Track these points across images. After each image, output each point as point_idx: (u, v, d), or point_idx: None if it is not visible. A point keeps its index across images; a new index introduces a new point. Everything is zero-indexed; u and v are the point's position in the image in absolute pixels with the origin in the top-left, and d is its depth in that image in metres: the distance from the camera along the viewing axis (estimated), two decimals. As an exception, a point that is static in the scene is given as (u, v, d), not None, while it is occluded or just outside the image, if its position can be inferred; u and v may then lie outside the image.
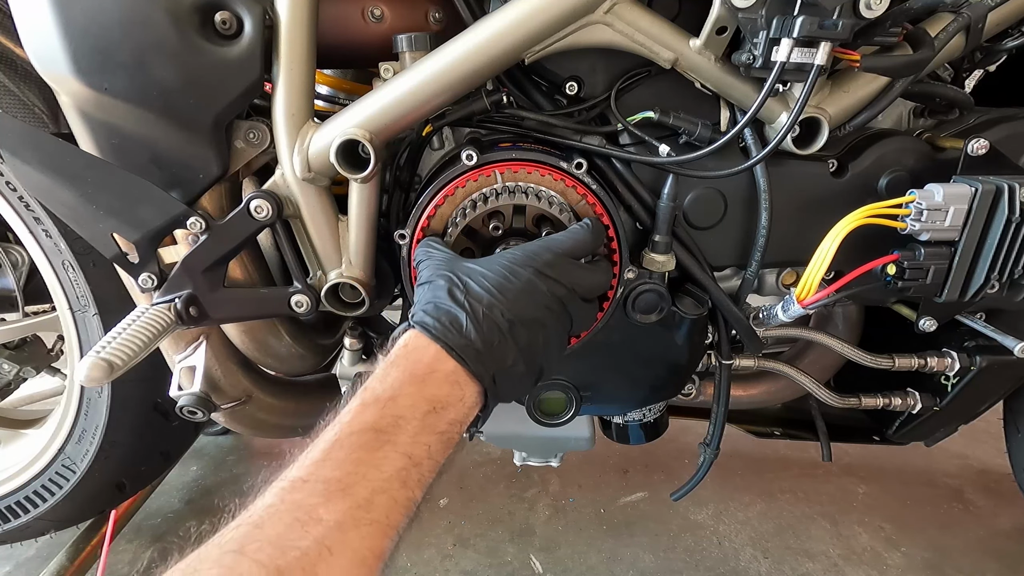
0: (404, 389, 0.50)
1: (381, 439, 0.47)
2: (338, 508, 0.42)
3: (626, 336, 0.81)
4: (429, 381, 0.51)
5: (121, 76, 0.64)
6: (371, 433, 0.47)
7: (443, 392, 0.51)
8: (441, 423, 0.50)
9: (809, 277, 0.69)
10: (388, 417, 0.48)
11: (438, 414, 0.50)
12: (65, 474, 1.08)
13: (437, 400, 0.51)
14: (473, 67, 0.66)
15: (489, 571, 1.23)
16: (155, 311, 0.69)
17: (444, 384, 0.52)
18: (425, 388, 0.51)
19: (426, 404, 0.50)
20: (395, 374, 0.51)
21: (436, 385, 0.51)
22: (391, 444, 0.47)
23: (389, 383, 0.51)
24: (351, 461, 0.45)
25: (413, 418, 0.49)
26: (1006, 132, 0.75)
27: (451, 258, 0.62)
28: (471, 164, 0.68)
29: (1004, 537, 1.33)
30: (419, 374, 0.51)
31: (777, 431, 1.17)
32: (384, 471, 0.46)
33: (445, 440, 0.51)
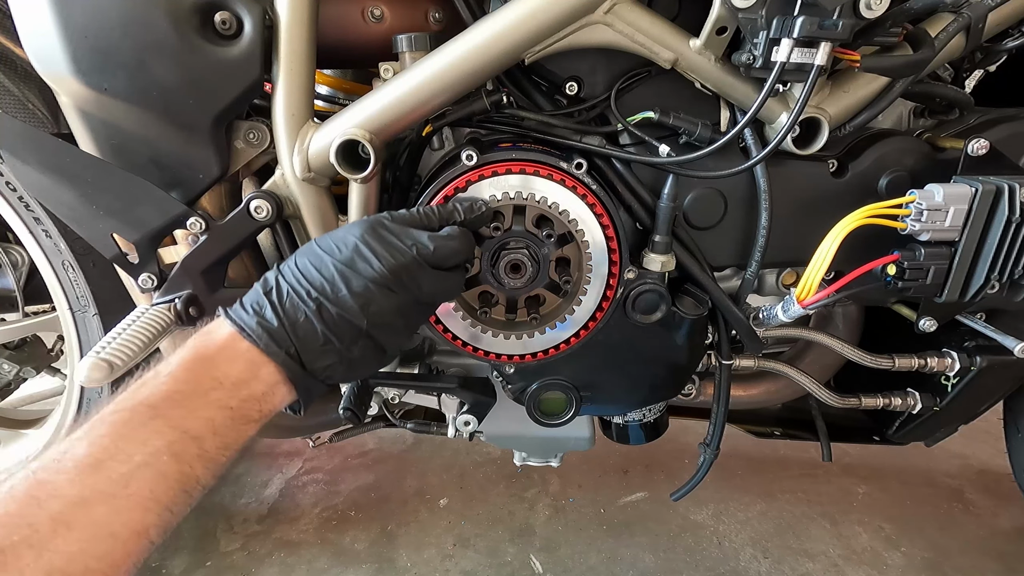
0: (188, 365, 0.50)
1: (152, 413, 0.46)
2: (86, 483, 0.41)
3: (626, 336, 0.81)
4: (218, 359, 0.51)
5: (121, 76, 0.65)
6: (142, 408, 0.46)
7: (234, 370, 0.50)
8: (231, 399, 0.49)
9: (809, 277, 0.69)
10: (163, 392, 0.48)
11: (226, 391, 0.49)
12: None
13: (226, 377, 0.50)
14: (473, 67, 0.66)
15: (489, 571, 1.23)
16: (155, 311, 0.69)
17: (236, 362, 0.51)
18: (212, 365, 0.50)
19: (211, 381, 0.49)
20: (182, 353, 0.51)
21: (226, 363, 0.51)
22: (163, 418, 0.46)
23: (173, 361, 0.50)
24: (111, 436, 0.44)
25: (193, 394, 0.48)
26: (1006, 132, 0.75)
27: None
28: (471, 164, 0.68)
29: (1004, 537, 1.33)
30: (208, 353, 0.51)
31: (777, 431, 1.17)
32: (150, 445, 0.44)
33: (237, 416, 0.50)
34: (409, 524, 1.35)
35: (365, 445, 1.60)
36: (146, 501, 0.43)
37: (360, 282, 0.54)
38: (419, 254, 0.57)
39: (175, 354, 0.51)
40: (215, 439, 0.48)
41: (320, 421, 1.05)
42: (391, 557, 1.26)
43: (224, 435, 0.49)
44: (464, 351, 0.77)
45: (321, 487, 1.47)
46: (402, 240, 0.57)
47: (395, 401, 0.98)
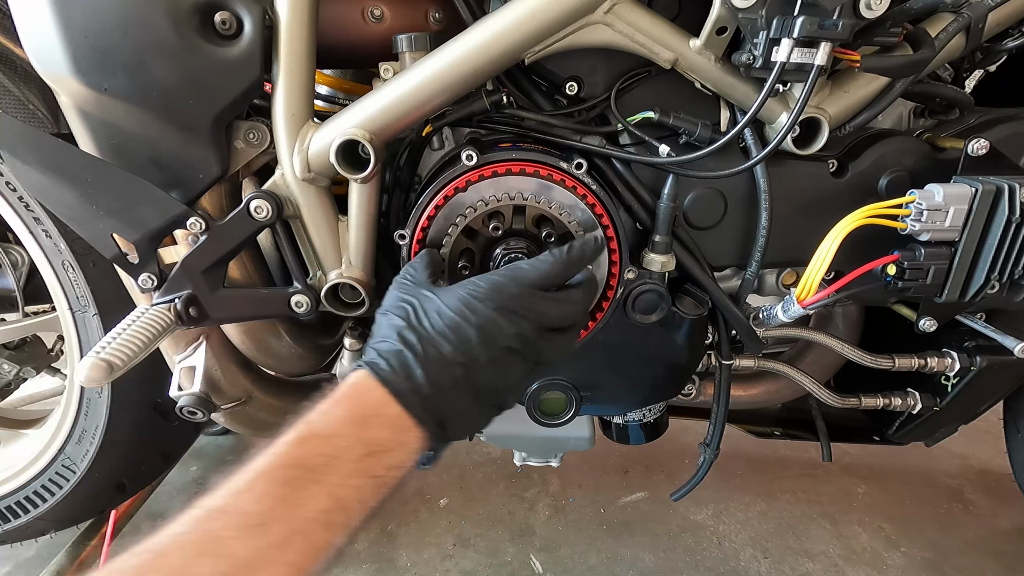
0: (343, 429, 0.49)
1: (310, 477, 0.46)
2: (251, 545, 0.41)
3: (626, 336, 0.81)
4: (371, 424, 0.50)
5: (121, 76, 0.64)
6: (301, 470, 0.46)
7: (384, 436, 0.50)
8: (378, 467, 0.49)
9: (809, 277, 0.69)
10: (322, 456, 0.47)
11: (376, 458, 0.49)
12: (65, 474, 1.08)
13: (377, 444, 0.49)
14: (473, 67, 0.66)
15: (489, 571, 1.24)
16: (155, 311, 0.69)
17: (386, 428, 0.50)
18: (365, 430, 0.49)
19: (364, 447, 0.49)
20: (336, 412, 0.50)
21: (377, 428, 0.50)
22: (319, 484, 0.46)
23: (329, 419, 0.50)
24: (274, 496, 0.44)
25: (348, 460, 0.48)
26: (1006, 132, 0.75)
27: (417, 284, 0.60)
28: (471, 164, 0.68)
29: (1004, 537, 1.33)
30: (361, 415, 0.50)
31: (777, 431, 1.17)
32: (307, 511, 0.44)
33: (379, 484, 0.49)
34: (409, 524, 1.35)
35: (365, 445, 1.60)
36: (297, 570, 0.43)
37: (495, 349, 0.54)
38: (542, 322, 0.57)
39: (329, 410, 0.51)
40: (359, 508, 0.48)
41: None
42: (391, 557, 1.26)
43: (367, 503, 0.49)
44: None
45: (321, 487, 1.47)
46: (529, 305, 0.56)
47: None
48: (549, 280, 0.59)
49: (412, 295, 0.58)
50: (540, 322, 0.56)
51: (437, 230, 0.71)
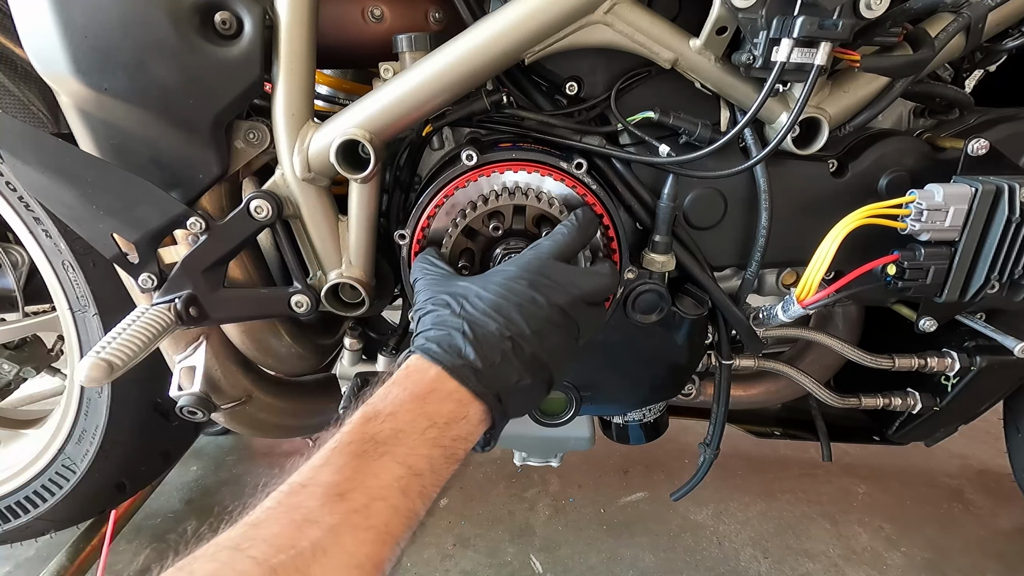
0: (405, 406, 0.51)
1: (380, 449, 0.48)
2: (335, 511, 0.43)
3: (626, 336, 0.81)
4: (430, 399, 0.52)
5: (121, 76, 0.64)
6: (370, 443, 0.48)
7: (445, 409, 0.52)
8: (444, 438, 0.51)
9: (809, 277, 0.69)
10: (387, 430, 0.49)
11: (440, 429, 0.51)
12: (65, 474, 1.08)
13: (439, 416, 0.51)
14: (473, 67, 0.66)
15: (489, 571, 1.24)
16: (155, 311, 0.69)
17: (447, 402, 0.52)
18: (426, 405, 0.51)
19: (427, 420, 0.51)
20: (396, 391, 0.52)
21: (438, 403, 0.52)
22: (390, 455, 0.48)
23: (390, 400, 0.52)
24: (349, 467, 0.46)
25: (413, 432, 0.50)
26: (1006, 132, 0.75)
27: (446, 277, 0.62)
28: (471, 164, 0.68)
29: (1004, 537, 1.33)
30: (420, 393, 0.52)
31: (777, 431, 1.17)
32: (382, 479, 0.46)
33: (448, 455, 0.51)
34: (409, 524, 1.35)
35: (365, 445, 1.60)
36: (383, 534, 0.45)
37: (539, 322, 0.56)
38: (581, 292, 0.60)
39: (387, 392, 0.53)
40: (432, 476, 0.50)
41: (320, 421, 1.05)
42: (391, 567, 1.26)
43: (439, 472, 0.51)
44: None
45: (321, 487, 1.47)
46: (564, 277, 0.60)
47: (395, 401, 0.98)
48: (569, 247, 0.63)
49: (446, 289, 0.60)
50: (572, 293, 0.59)
51: (437, 230, 0.71)
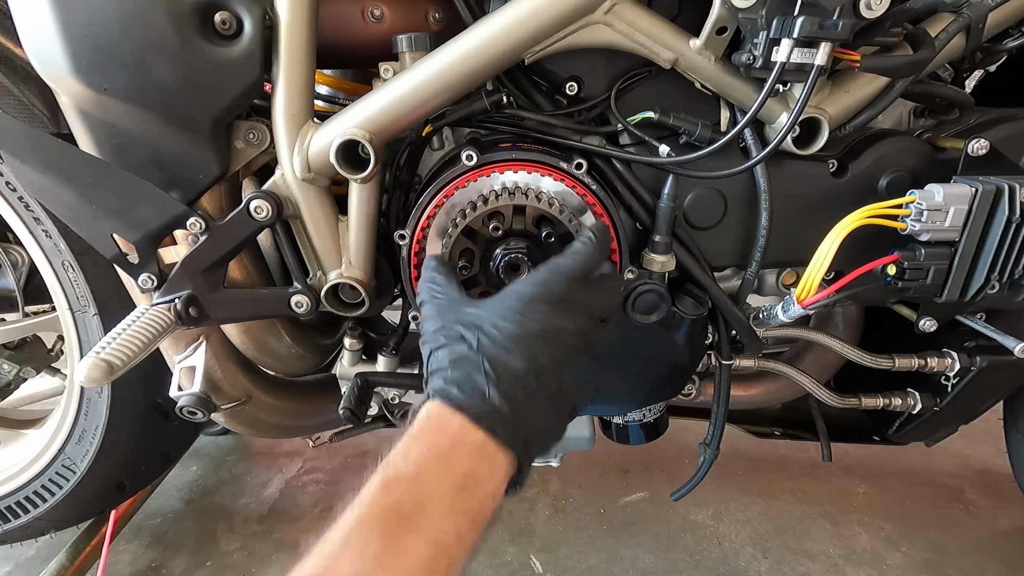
0: (429, 466, 0.46)
1: (405, 525, 0.43)
2: None
3: (626, 336, 0.81)
4: (457, 456, 0.47)
5: (121, 76, 0.64)
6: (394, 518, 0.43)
7: (473, 467, 0.47)
8: (472, 501, 0.46)
9: (809, 277, 0.69)
10: (412, 501, 0.44)
11: (469, 492, 0.46)
12: (65, 474, 1.08)
13: (467, 477, 0.46)
14: (473, 67, 0.66)
15: (489, 571, 1.23)
16: (155, 311, 0.69)
17: (474, 458, 0.47)
18: (453, 465, 0.46)
19: (454, 482, 0.46)
20: (419, 448, 0.47)
21: (465, 460, 0.47)
22: (416, 532, 0.43)
23: (412, 459, 0.46)
24: (371, 555, 0.41)
25: (440, 499, 0.45)
26: (1006, 132, 0.75)
27: (456, 302, 0.58)
28: (471, 164, 0.68)
29: (1004, 537, 1.33)
30: (445, 448, 0.47)
31: (777, 431, 1.17)
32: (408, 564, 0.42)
33: (477, 518, 0.46)
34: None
35: (365, 445, 1.60)
36: None
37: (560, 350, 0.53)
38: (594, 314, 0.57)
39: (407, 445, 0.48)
40: (460, 548, 0.45)
41: (320, 421, 1.05)
42: None
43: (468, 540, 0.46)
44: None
45: (321, 487, 1.47)
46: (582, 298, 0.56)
47: (395, 401, 0.98)
48: (590, 266, 0.59)
49: (458, 318, 0.55)
50: (593, 314, 0.56)
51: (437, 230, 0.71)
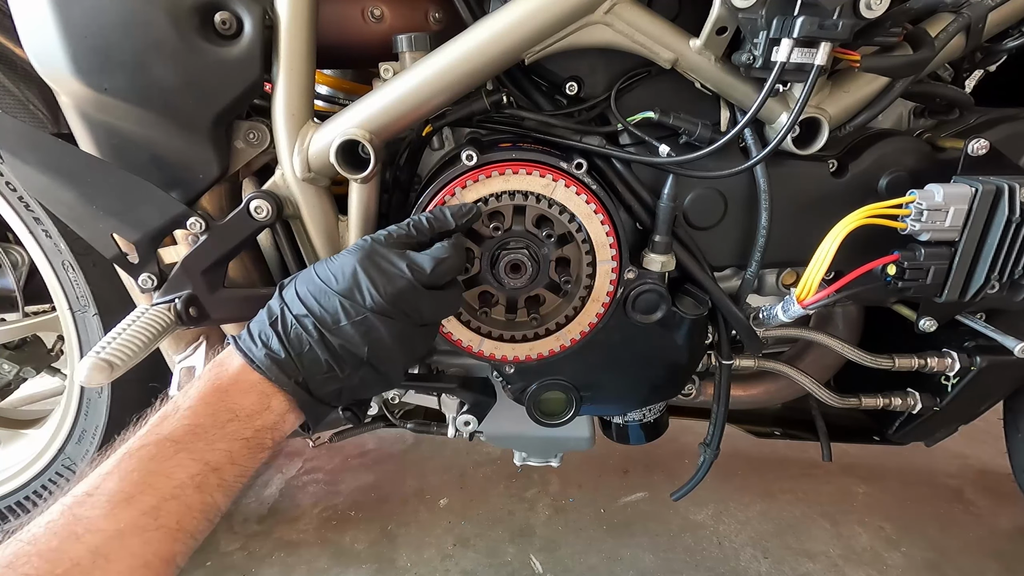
0: (206, 399, 0.52)
1: (176, 447, 0.49)
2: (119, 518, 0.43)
3: (626, 336, 0.81)
4: (232, 391, 0.53)
5: (121, 76, 0.64)
6: (166, 443, 0.49)
7: (248, 401, 0.53)
8: (246, 430, 0.52)
9: (809, 277, 0.69)
10: (184, 426, 0.50)
11: (241, 422, 0.52)
12: (65, 474, 1.08)
13: (240, 408, 0.52)
14: (473, 67, 0.66)
15: (489, 571, 1.23)
16: (155, 311, 0.69)
17: (249, 394, 0.53)
18: (227, 398, 0.52)
19: (228, 413, 0.52)
20: (198, 385, 0.53)
21: (240, 395, 0.53)
22: (186, 451, 0.49)
23: (192, 394, 0.53)
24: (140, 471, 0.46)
25: (212, 427, 0.51)
26: (1006, 132, 0.75)
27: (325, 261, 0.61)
28: (471, 164, 0.68)
29: (1004, 537, 1.33)
30: (222, 385, 0.53)
31: (777, 431, 1.17)
32: (176, 478, 0.47)
33: (252, 445, 0.52)
34: (409, 524, 1.35)
35: (365, 445, 1.60)
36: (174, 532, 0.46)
37: (359, 312, 0.55)
38: (415, 278, 0.57)
39: (191, 385, 0.54)
40: (233, 468, 0.51)
41: (320, 421, 1.05)
42: (391, 557, 1.26)
43: (241, 463, 0.52)
44: (464, 351, 0.77)
45: (321, 487, 1.47)
46: (396, 265, 0.57)
47: (395, 401, 0.98)
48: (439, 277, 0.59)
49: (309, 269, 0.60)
50: (415, 278, 0.57)
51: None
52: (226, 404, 0.52)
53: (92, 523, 0.43)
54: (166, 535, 0.45)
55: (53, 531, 0.42)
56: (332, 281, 0.57)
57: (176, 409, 0.51)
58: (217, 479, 0.49)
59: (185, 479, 0.47)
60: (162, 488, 0.46)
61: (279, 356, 0.54)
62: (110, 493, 0.45)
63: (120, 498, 0.44)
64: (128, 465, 0.47)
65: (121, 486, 0.45)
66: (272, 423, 0.54)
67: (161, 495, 0.46)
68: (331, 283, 0.56)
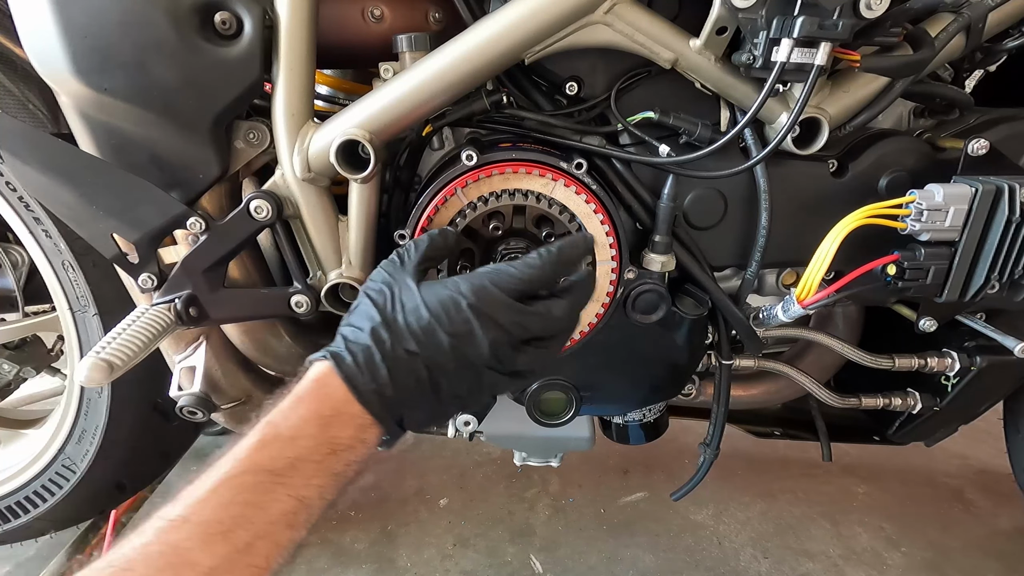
0: (306, 429, 0.50)
1: (274, 481, 0.47)
2: (215, 553, 0.42)
3: (626, 336, 0.81)
4: (333, 423, 0.50)
5: (121, 76, 0.64)
6: (264, 474, 0.47)
7: (346, 435, 0.51)
8: (339, 464, 0.50)
9: (809, 277, 0.69)
10: (285, 459, 0.48)
11: (337, 456, 0.50)
12: (65, 474, 1.08)
13: (339, 443, 0.50)
14: (473, 67, 0.66)
15: (489, 571, 1.23)
16: (155, 311, 0.69)
17: (348, 427, 0.51)
18: (329, 430, 0.50)
19: (327, 447, 0.50)
20: (300, 411, 0.51)
21: (340, 427, 0.51)
22: (283, 487, 0.47)
23: (293, 421, 0.50)
24: (237, 503, 0.45)
25: (311, 461, 0.49)
26: (1006, 132, 0.75)
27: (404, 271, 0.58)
28: (471, 164, 0.68)
29: (1004, 537, 1.33)
30: (324, 415, 0.50)
31: (777, 431, 1.17)
32: (271, 513, 0.46)
33: (339, 480, 0.51)
34: (409, 524, 1.35)
35: (365, 445, 1.60)
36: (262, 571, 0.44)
37: (466, 360, 0.53)
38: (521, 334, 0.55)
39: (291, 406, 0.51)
40: (321, 503, 0.49)
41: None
42: (391, 557, 1.26)
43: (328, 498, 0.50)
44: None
45: (321, 487, 1.47)
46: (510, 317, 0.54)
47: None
48: (535, 285, 0.57)
49: (394, 282, 0.57)
50: (518, 334, 0.55)
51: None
52: (327, 437, 0.50)
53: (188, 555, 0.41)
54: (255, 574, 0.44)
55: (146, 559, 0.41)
56: (443, 320, 0.53)
57: (276, 437, 0.49)
58: (306, 515, 0.48)
59: (279, 516, 0.46)
60: (257, 523, 0.45)
61: (387, 393, 0.51)
62: (206, 523, 0.43)
63: (216, 530, 0.43)
64: (226, 494, 0.45)
65: (218, 515, 0.44)
66: (360, 457, 0.52)
67: (255, 531, 0.44)
68: (442, 321, 0.53)
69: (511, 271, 0.56)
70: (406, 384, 0.52)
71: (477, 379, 0.55)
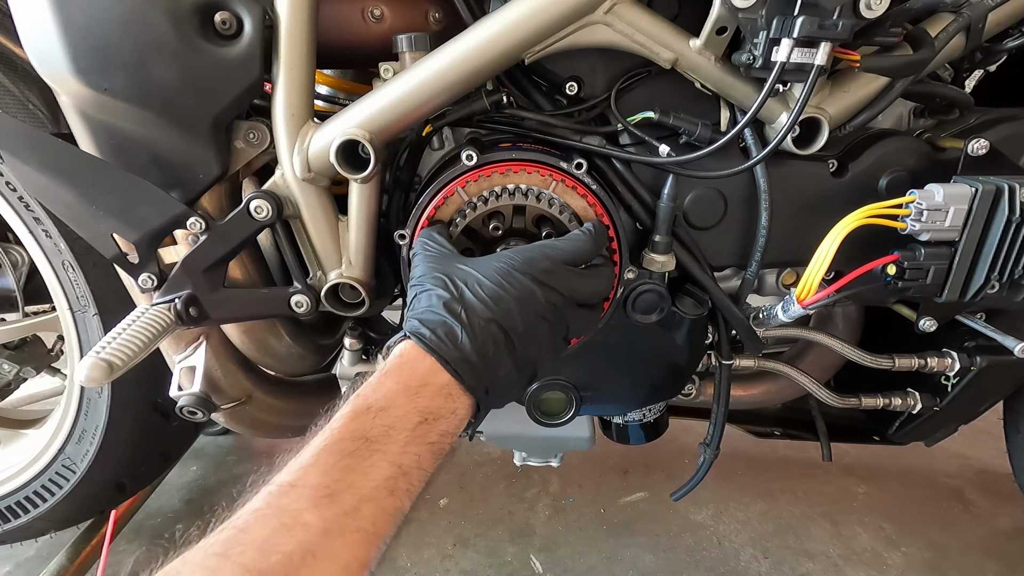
0: (397, 400, 0.51)
1: (371, 448, 0.48)
2: (324, 514, 0.43)
3: (626, 336, 0.81)
4: (422, 393, 0.52)
5: (121, 76, 0.64)
6: (361, 441, 0.48)
7: (436, 404, 0.52)
8: (432, 434, 0.51)
9: (809, 277, 0.69)
10: (379, 427, 0.49)
11: (430, 425, 0.51)
12: (65, 474, 1.08)
13: (429, 412, 0.51)
14: (473, 67, 0.66)
15: (489, 571, 1.24)
16: (155, 311, 0.69)
17: (437, 396, 0.52)
18: (418, 400, 0.51)
19: (418, 415, 0.51)
20: (388, 384, 0.52)
21: (429, 397, 0.52)
22: (380, 453, 0.48)
23: (382, 393, 0.52)
24: (339, 468, 0.46)
25: (404, 429, 0.50)
26: (1006, 132, 0.75)
27: (446, 256, 0.62)
28: (471, 164, 0.68)
29: (1004, 537, 1.33)
30: (413, 386, 0.52)
31: (777, 431, 1.17)
32: (372, 479, 0.46)
33: (435, 451, 0.52)
34: (409, 524, 1.35)
35: (365, 445, 1.60)
36: (370, 535, 0.45)
37: (532, 319, 0.57)
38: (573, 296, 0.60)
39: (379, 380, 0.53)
40: (419, 473, 0.50)
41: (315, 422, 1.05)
42: (391, 557, 1.26)
43: (426, 468, 0.51)
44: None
45: (321, 487, 1.47)
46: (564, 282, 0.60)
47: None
48: (581, 257, 0.63)
49: (446, 268, 0.59)
50: (571, 296, 0.60)
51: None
52: (416, 406, 0.51)
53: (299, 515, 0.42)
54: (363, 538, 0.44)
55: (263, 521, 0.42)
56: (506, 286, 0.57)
57: (368, 408, 0.50)
58: (406, 483, 0.49)
59: (380, 481, 0.47)
60: (360, 488, 0.45)
61: (472, 359, 0.53)
62: (314, 487, 0.44)
63: (323, 493, 0.44)
64: (329, 459, 0.46)
65: (323, 480, 0.45)
66: (454, 428, 0.53)
67: (360, 495, 0.45)
68: (505, 288, 0.56)
69: (560, 244, 0.63)
70: (486, 349, 0.54)
71: (543, 338, 0.58)
